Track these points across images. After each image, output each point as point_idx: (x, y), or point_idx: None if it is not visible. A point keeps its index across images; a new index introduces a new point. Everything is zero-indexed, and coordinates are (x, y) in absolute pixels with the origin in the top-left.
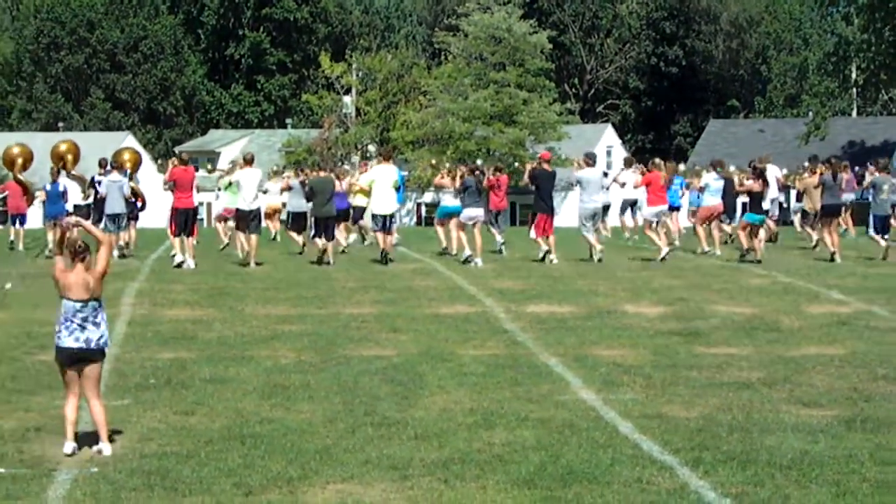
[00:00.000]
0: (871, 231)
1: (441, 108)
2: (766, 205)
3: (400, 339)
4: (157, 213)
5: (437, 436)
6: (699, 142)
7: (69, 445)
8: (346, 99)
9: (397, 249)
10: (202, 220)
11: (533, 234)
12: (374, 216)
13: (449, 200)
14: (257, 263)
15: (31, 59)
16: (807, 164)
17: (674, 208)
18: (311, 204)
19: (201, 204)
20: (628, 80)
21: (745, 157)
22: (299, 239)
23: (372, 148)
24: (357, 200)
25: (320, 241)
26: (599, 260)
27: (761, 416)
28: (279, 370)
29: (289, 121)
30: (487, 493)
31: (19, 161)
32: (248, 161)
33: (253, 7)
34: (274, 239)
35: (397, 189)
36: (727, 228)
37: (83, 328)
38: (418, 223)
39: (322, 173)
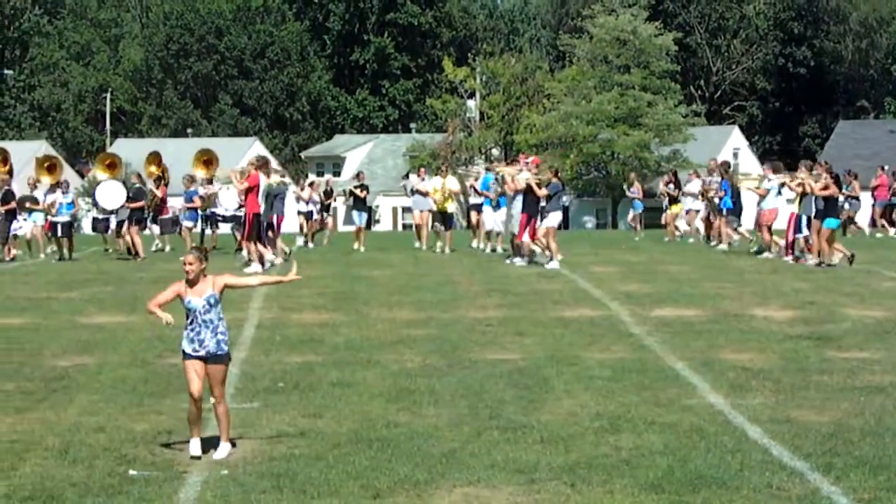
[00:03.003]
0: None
1: (565, 111)
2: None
3: (525, 343)
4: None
5: (563, 440)
6: (828, 143)
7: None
8: (470, 103)
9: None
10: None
11: (527, 237)
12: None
13: None
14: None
15: (161, 66)
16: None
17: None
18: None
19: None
20: (755, 81)
21: (875, 159)
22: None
23: (496, 152)
24: (448, 207)
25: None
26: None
27: (894, 420)
28: (405, 374)
29: (413, 125)
30: (615, 498)
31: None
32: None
33: (377, 12)
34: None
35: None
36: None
37: None
38: None
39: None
